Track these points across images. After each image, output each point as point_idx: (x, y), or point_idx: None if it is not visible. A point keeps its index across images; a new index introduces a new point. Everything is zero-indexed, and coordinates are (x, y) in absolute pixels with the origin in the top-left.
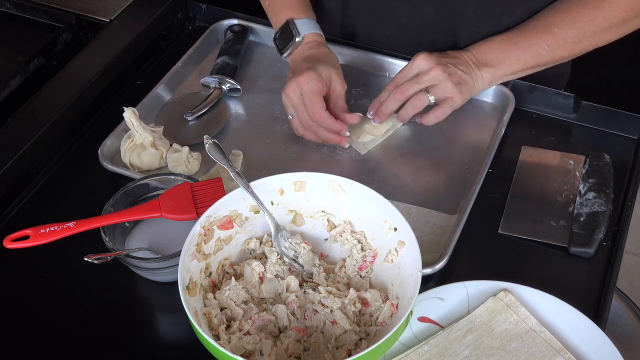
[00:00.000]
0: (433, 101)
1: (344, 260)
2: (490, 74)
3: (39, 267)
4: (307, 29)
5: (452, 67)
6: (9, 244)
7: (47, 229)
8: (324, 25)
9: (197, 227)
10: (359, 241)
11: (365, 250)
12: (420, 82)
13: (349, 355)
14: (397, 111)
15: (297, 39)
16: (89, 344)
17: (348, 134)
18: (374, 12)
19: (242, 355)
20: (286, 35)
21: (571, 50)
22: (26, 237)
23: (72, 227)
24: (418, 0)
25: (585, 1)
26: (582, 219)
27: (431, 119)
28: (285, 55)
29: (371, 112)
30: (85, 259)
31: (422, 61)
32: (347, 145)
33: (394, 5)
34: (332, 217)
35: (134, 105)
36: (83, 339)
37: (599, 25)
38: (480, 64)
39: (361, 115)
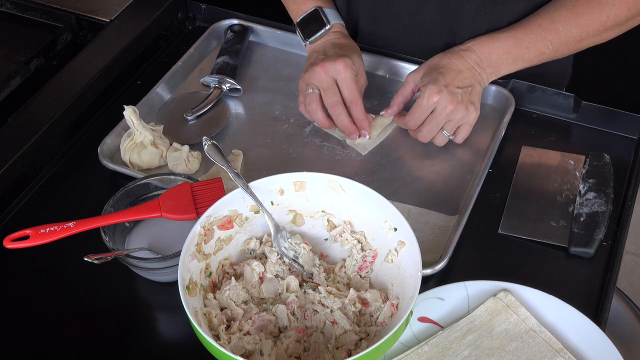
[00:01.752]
0: (452, 137)
1: (344, 260)
2: (494, 74)
3: (39, 266)
4: (335, 19)
5: (461, 91)
6: (9, 244)
7: (47, 229)
8: None
9: (197, 227)
10: (359, 241)
11: (365, 251)
12: (438, 122)
13: (349, 355)
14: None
15: (327, 27)
16: (89, 343)
17: (368, 137)
18: (376, 10)
19: (242, 355)
20: (314, 22)
21: (573, 47)
22: (26, 237)
23: (72, 227)
24: (419, 2)
25: None
26: (582, 219)
27: (459, 141)
28: (310, 40)
29: (386, 112)
30: (85, 259)
31: (437, 98)
32: (358, 139)
33: (396, 3)
34: (332, 217)
35: (133, 105)
36: (83, 338)
37: (603, 24)
38: (484, 65)
39: (373, 117)
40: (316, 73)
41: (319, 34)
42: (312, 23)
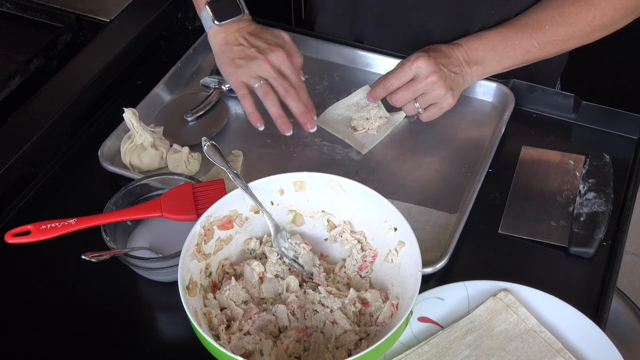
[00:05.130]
0: (421, 111)
1: (344, 260)
2: (479, 71)
3: (39, 266)
4: (246, 7)
5: (446, 70)
6: (10, 239)
7: (48, 225)
8: (332, 31)
9: (197, 227)
10: (358, 241)
11: (365, 250)
12: (415, 90)
13: (349, 355)
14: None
15: (242, 14)
16: (89, 342)
17: (315, 120)
18: (385, 21)
19: (242, 355)
20: (229, 6)
21: (560, 47)
22: (27, 233)
23: (73, 224)
24: (431, 7)
25: None
26: (582, 219)
27: (424, 118)
28: (223, 23)
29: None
30: (83, 257)
31: (422, 64)
32: (313, 129)
33: (406, 14)
34: (332, 217)
35: (133, 106)
36: (83, 337)
37: (589, 24)
38: (470, 62)
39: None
40: (260, 66)
41: (233, 19)
42: (226, 7)
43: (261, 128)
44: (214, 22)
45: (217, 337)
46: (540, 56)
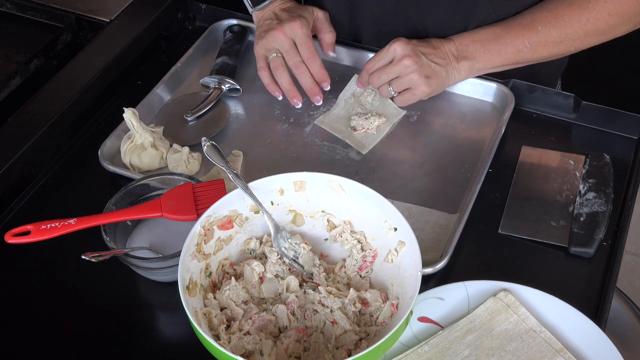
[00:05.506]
0: (394, 94)
1: (344, 260)
2: (468, 66)
3: (39, 266)
4: None
5: (425, 58)
6: (10, 239)
7: (48, 225)
8: None
9: (197, 227)
10: (358, 241)
11: (365, 250)
12: (389, 72)
13: (349, 355)
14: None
15: None
16: (89, 342)
17: (328, 87)
18: (384, 20)
19: (242, 355)
20: None
21: (552, 49)
22: (27, 233)
23: (73, 224)
24: (430, 6)
25: (571, 2)
26: (582, 219)
27: (397, 102)
28: (258, 8)
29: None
30: (83, 257)
31: (398, 47)
32: (319, 102)
33: (404, 13)
34: (332, 217)
35: (133, 106)
36: (83, 337)
37: (582, 28)
38: (460, 57)
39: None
40: (275, 37)
41: (268, 1)
42: None
43: (280, 97)
44: (252, 8)
45: (217, 337)
46: (532, 57)
